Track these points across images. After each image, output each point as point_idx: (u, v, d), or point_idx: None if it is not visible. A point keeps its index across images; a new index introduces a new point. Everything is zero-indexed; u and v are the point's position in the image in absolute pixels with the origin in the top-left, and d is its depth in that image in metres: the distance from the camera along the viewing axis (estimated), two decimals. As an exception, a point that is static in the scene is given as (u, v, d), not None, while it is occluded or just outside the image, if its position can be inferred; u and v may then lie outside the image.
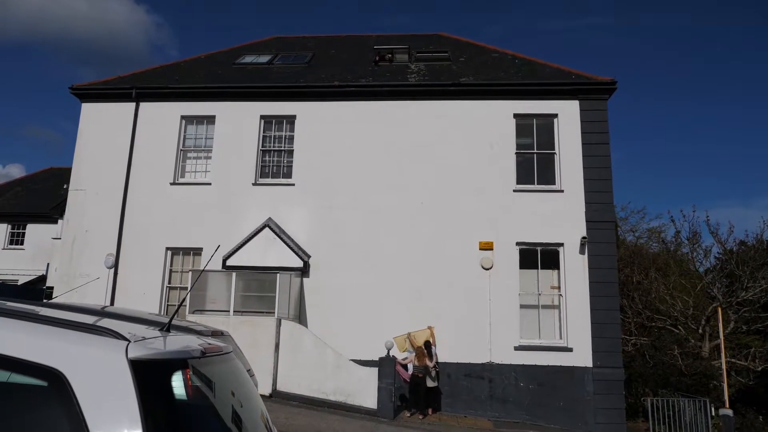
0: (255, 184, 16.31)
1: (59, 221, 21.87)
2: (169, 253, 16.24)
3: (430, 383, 13.63)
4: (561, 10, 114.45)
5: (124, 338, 2.25)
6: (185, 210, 16.18)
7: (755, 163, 77.02)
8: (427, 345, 13.98)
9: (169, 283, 16.16)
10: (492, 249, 15.33)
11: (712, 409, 14.20)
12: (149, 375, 2.17)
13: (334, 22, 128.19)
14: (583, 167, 15.51)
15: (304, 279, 15.60)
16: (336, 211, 15.91)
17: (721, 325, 16.77)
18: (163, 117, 16.84)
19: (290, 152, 16.55)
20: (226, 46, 21.10)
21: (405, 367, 13.82)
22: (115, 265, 15.93)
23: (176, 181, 16.58)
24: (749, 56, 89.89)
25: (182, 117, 16.88)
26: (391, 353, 13.51)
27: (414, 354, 13.72)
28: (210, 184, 16.39)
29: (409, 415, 13.46)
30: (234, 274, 14.63)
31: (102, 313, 4.43)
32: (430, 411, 13.80)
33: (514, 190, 15.63)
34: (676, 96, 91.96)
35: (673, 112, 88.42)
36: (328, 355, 13.75)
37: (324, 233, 15.80)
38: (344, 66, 18.43)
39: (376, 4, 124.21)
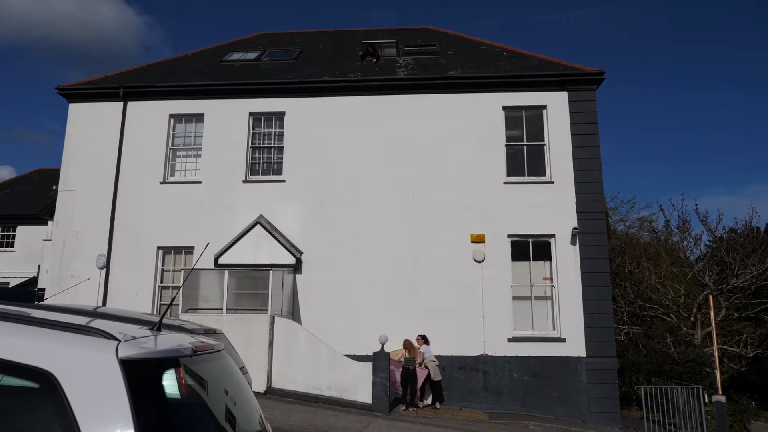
0: (245, 181, 16.26)
1: (49, 222, 21.71)
2: (161, 252, 16.17)
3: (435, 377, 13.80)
4: (548, 3, 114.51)
5: (114, 338, 2.24)
6: (176, 209, 16.11)
7: (742, 151, 77.60)
8: (424, 339, 14.12)
9: (162, 282, 16.10)
10: (484, 242, 15.36)
11: (705, 395, 14.27)
12: (140, 374, 2.16)
13: (321, 17, 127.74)
14: (573, 158, 15.56)
15: (297, 275, 15.58)
16: (327, 206, 15.89)
17: (712, 312, 16.88)
18: (151, 116, 16.73)
19: (280, 149, 16.50)
20: (216, 44, 20.97)
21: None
22: (107, 266, 15.84)
23: (166, 180, 16.50)
24: (736, 45, 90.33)
25: (171, 115, 16.78)
26: (385, 348, 13.53)
27: (404, 351, 13.84)
28: (200, 182, 16.32)
29: (404, 408, 13.51)
30: (226, 272, 14.60)
31: (93, 313, 4.42)
32: (421, 405, 13.91)
33: (505, 182, 15.66)
34: (662, 86, 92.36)
35: (659, 101, 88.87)
36: (322, 351, 13.76)
37: (316, 229, 15.78)
38: (332, 61, 18.37)
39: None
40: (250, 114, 16.64)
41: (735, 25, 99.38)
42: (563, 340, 14.71)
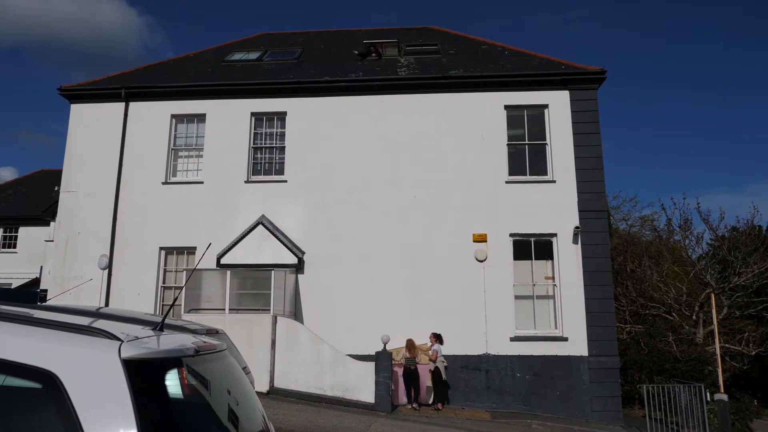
0: (247, 181, 16.27)
1: (51, 223, 21.72)
2: (163, 252, 16.19)
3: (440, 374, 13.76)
4: (548, 3, 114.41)
5: (116, 338, 2.25)
6: (178, 209, 16.13)
7: (744, 149, 77.53)
8: (438, 337, 14.08)
9: (164, 282, 16.12)
10: (486, 241, 15.35)
11: (707, 394, 14.25)
12: (143, 374, 2.17)
13: (322, 17, 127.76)
14: (575, 157, 15.54)
15: (299, 275, 15.59)
16: (329, 206, 15.90)
17: (714, 310, 16.86)
18: (153, 116, 16.75)
19: (282, 149, 16.51)
20: (217, 45, 20.99)
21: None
22: (109, 266, 15.86)
23: (168, 181, 16.51)
24: (736, 43, 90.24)
25: (172, 116, 16.80)
26: (387, 347, 13.53)
27: (405, 350, 13.84)
28: (202, 182, 16.34)
29: (410, 407, 13.52)
30: (228, 272, 14.60)
31: (95, 314, 4.43)
32: (439, 405, 13.91)
33: (507, 182, 15.65)
34: (663, 84, 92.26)
35: (661, 100, 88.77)
36: (324, 351, 13.77)
37: (318, 229, 15.79)
38: (334, 61, 18.37)
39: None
40: (252, 114, 16.64)
41: (736, 25, 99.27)
42: (565, 339, 14.71)
